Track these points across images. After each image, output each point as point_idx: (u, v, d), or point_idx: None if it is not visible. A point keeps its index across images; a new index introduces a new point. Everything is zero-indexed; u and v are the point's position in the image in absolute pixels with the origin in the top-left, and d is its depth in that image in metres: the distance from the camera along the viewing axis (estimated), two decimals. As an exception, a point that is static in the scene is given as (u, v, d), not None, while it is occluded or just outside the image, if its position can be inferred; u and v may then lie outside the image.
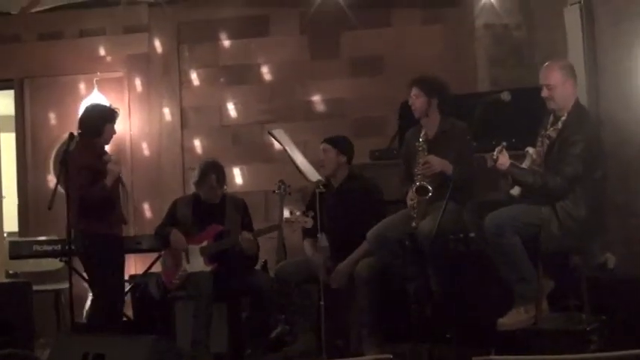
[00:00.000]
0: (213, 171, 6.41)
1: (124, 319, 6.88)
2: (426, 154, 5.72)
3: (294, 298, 6.23)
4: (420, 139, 5.78)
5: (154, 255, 6.96)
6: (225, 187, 6.56)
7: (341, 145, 6.37)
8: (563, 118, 5.14)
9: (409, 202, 5.68)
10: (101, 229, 5.95)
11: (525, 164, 5.18)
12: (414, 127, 6.03)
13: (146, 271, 7.21)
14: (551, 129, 5.17)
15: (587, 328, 4.95)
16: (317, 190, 5.99)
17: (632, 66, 5.54)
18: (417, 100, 5.86)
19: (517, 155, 5.22)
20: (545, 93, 5.17)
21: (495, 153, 5.09)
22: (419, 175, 5.67)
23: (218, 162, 6.55)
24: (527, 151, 5.24)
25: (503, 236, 5.02)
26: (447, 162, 5.63)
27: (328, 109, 8.10)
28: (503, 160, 5.09)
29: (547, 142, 5.16)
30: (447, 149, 5.67)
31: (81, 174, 5.91)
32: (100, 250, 5.93)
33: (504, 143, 5.13)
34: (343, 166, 6.36)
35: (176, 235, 6.31)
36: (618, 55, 5.75)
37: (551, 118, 5.23)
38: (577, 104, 5.19)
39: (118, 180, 6.09)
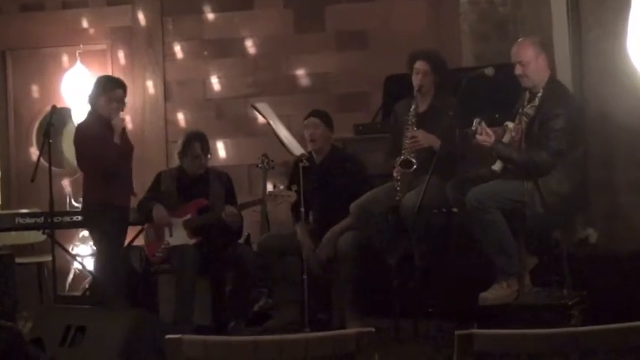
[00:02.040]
0: (197, 140, 6.38)
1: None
2: (415, 128, 5.68)
3: (277, 271, 6.23)
4: (410, 113, 5.74)
5: (137, 228, 6.95)
6: (209, 156, 6.54)
7: (328, 119, 6.30)
8: (540, 94, 5.14)
9: (395, 175, 5.67)
10: (106, 199, 5.95)
11: (505, 139, 5.19)
12: (404, 100, 5.90)
13: (129, 244, 7.19)
14: (529, 106, 5.16)
15: (569, 303, 5.00)
16: (300, 164, 5.98)
17: (615, 43, 5.55)
18: (426, 77, 5.72)
19: (498, 130, 5.23)
20: (518, 70, 5.16)
21: (475, 124, 5.10)
22: (405, 148, 5.66)
23: (202, 132, 6.53)
24: (507, 125, 5.23)
25: (485, 211, 5.03)
26: (434, 137, 5.57)
27: (312, 83, 8.07)
28: (487, 136, 5.10)
29: (525, 119, 5.16)
30: (436, 124, 5.62)
31: (89, 142, 5.94)
32: (103, 221, 5.94)
33: (477, 119, 5.13)
34: (329, 141, 6.32)
35: (159, 211, 6.28)
36: (602, 32, 5.76)
37: (528, 95, 5.23)
38: (552, 79, 5.20)
39: (130, 151, 6.12)
